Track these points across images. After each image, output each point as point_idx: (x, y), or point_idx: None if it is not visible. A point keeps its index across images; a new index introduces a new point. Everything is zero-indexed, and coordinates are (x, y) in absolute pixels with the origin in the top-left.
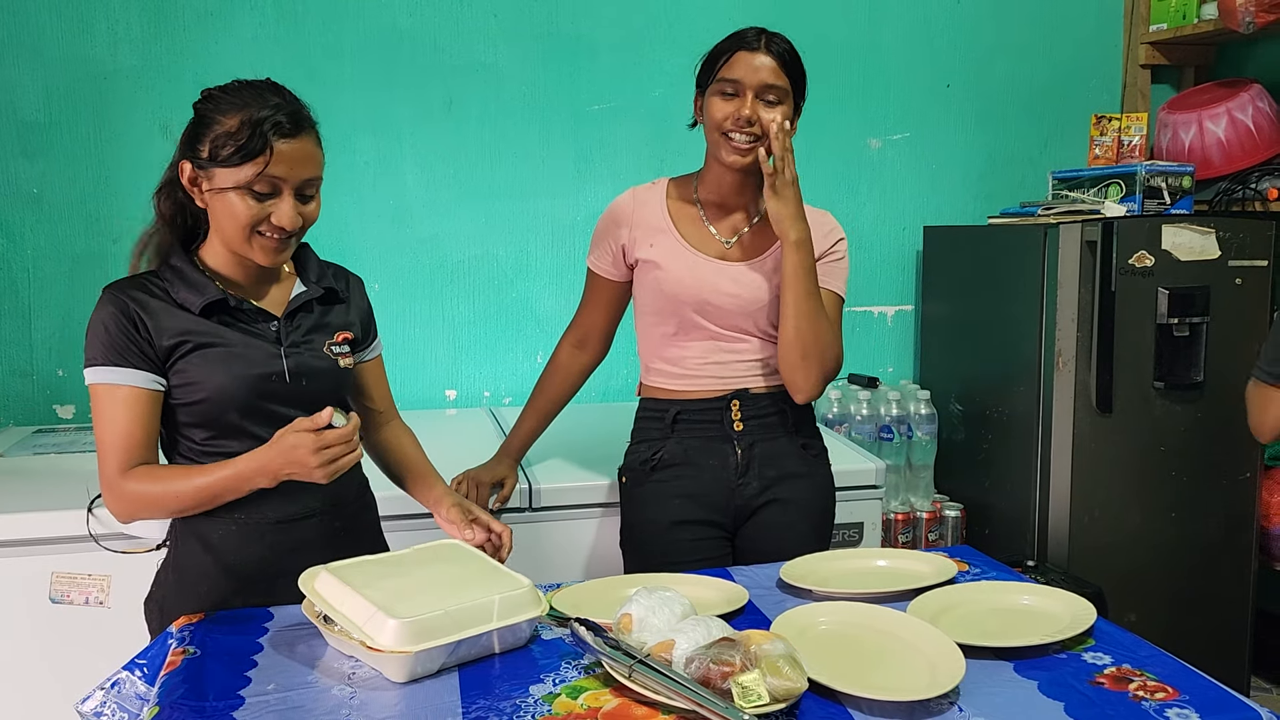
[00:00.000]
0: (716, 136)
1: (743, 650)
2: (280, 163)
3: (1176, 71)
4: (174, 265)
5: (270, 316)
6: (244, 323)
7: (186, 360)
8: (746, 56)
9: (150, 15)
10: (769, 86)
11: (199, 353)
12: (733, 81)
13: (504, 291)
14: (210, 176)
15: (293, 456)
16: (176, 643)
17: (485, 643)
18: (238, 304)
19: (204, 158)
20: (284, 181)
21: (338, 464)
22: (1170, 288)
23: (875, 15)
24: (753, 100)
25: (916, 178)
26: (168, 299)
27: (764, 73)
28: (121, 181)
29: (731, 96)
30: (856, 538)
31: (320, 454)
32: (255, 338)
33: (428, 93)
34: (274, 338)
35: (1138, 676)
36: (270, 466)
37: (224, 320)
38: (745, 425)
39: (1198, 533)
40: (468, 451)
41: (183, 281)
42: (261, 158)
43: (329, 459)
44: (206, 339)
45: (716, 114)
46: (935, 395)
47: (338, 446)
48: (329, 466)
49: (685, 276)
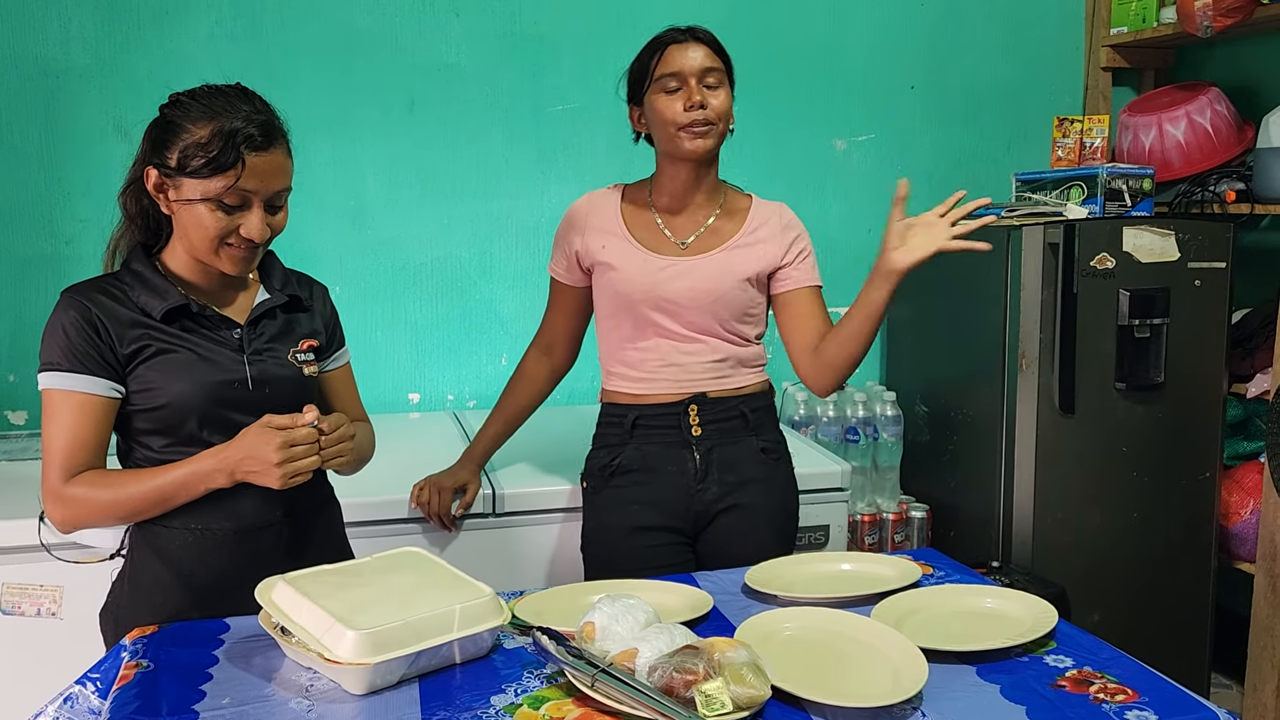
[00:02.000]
0: (670, 132)
1: (706, 658)
2: (252, 176)
3: (1137, 74)
4: (135, 269)
5: (233, 323)
6: (206, 329)
7: (147, 366)
8: (677, 49)
9: (103, 13)
10: (708, 70)
11: (160, 359)
12: (673, 75)
13: (467, 294)
14: (178, 186)
15: (254, 451)
16: (129, 656)
17: (446, 653)
18: (200, 310)
19: (172, 166)
20: (254, 194)
21: (297, 465)
22: (1131, 289)
23: (839, 17)
24: (697, 85)
25: (882, 179)
26: (129, 303)
27: (700, 58)
28: (74, 182)
29: (676, 90)
30: (822, 540)
31: (283, 451)
32: (217, 344)
33: (388, 93)
34: (236, 345)
35: (1098, 679)
36: (229, 462)
37: (186, 326)
38: (703, 430)
39: (1159, 532)
40: (431, 455)
41: (144, 286)
42: (233, 171)
43: (290, 458)
44: (167, 345)
45: (666, 111)
46: (901, 397)
47: (301, 447)
48: (288, 467)
49: (638, 275)
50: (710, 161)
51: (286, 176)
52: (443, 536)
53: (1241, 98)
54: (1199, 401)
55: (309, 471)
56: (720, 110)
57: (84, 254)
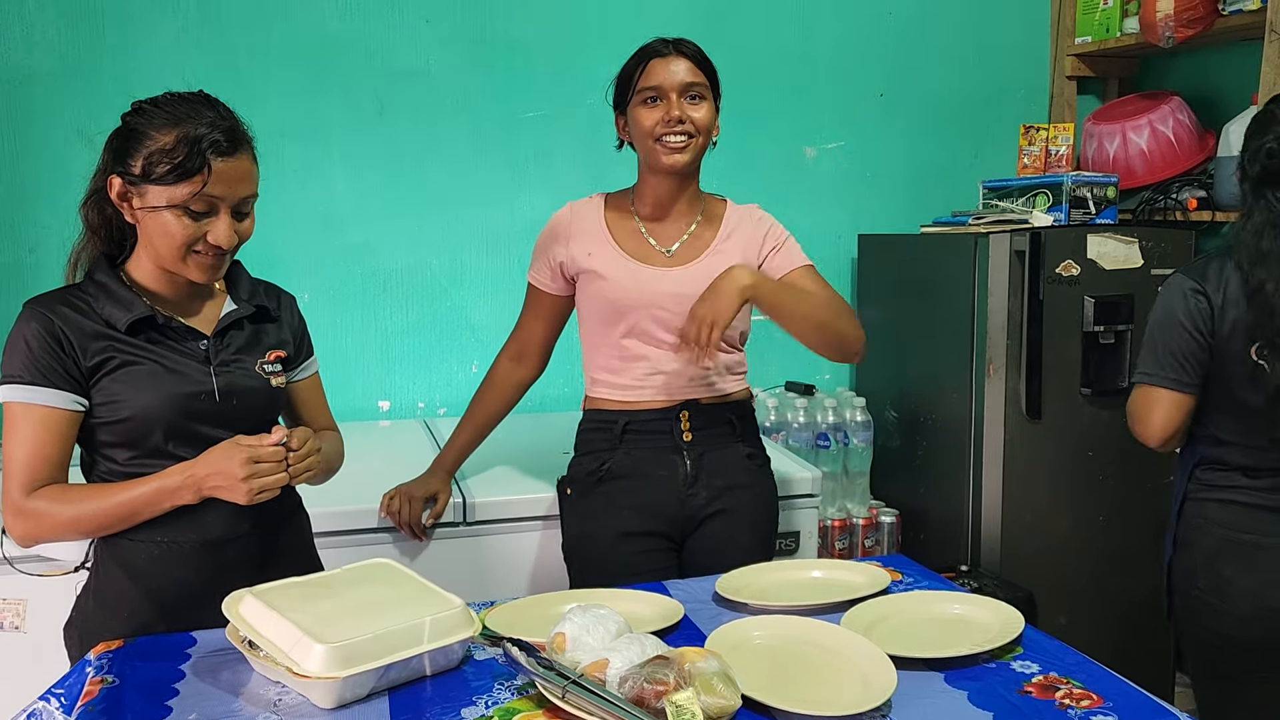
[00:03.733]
0: (650, 145)
1: (677, 668)
2: (218, 182)
3: (1101, 83)
4: (99, 280)
5: (199, 334)
6: (172, 340)
7: (111, 378)
8: (660, 62)
9: (67, 18)
10: (689, 85)
11: (124, 370)
12: (654, 88)
13: (438, 301)
14: (142, 193)
15: (221, 467)
16: (94, 671)
17: (416, 665)
18: (165, 321)
19: (136, 174)
20: (221, 200)
21: (264, 481)
22: (1096, 296)
23: (808, 25)
24: (678, 99)
25: (851, 186)
26: (93, 315)
27: (682, 73)
28: (37, 189)
29: (656, 103)
30: (794, 546)
31: (249, 467)
32: (184, 356)
33: (358, 98)
34: (203, 356)
35: (1064, 684)
36: (195, 478)
37: (151, 338)
38: (694, 435)
39: (1125, 536)
40: (401, 464)
41: (108, 297)
42: (199, 177)
43: (256, 474)
44: (132, 357)
45: (645, 123)
46: (871, 402)
47: (268, 464)
48: (255, 482)
49: (629, 284)
50: (691, 173)
51: (253, 183)
52: (414, 546)
53: (1203, 107)
54: None
55: (276, 489)
56: (701, 124)
57: (47, 261)
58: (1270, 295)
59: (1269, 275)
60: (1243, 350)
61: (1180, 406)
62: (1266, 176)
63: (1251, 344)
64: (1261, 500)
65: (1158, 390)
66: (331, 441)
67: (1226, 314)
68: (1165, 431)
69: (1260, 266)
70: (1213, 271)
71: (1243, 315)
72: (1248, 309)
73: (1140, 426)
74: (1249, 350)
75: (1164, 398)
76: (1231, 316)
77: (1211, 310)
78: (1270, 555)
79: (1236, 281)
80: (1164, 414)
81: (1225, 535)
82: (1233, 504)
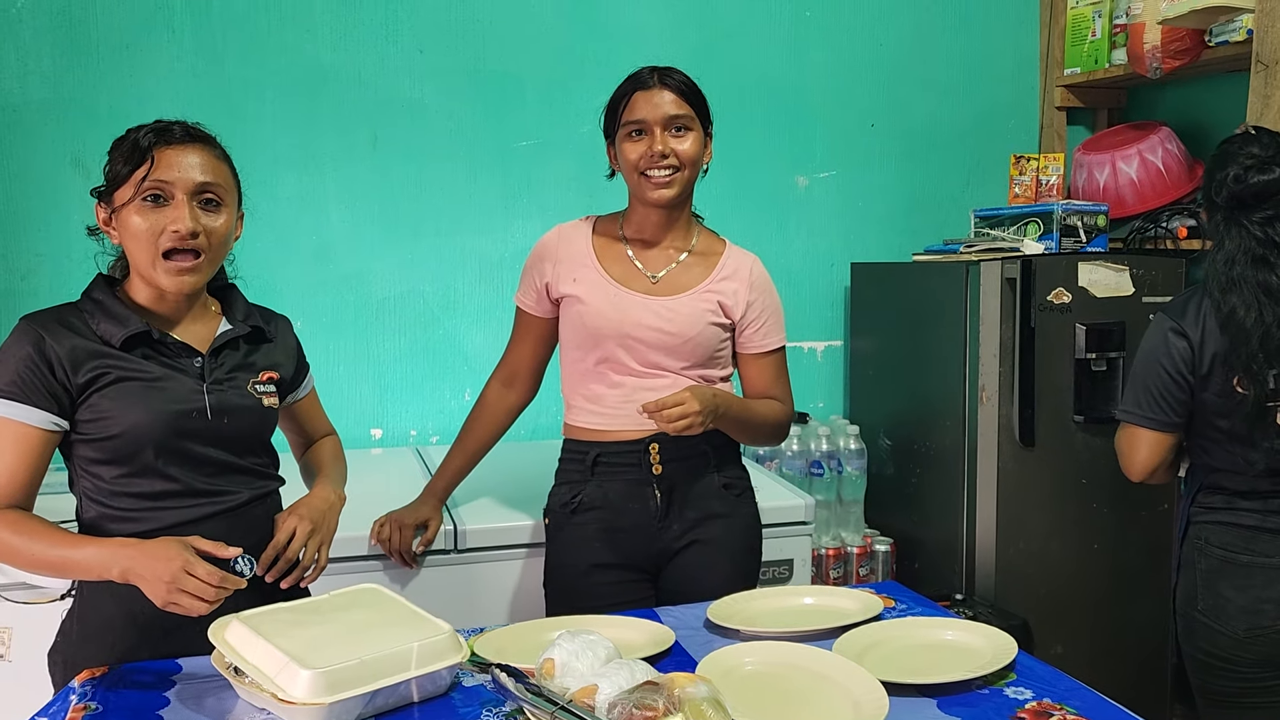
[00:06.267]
0: (635, 178)
1: (666, 694)
2: (166, 167)
3: (1091, 113)
4: (95, 298)
5: (194, 352)
6: (167, 357)
7: (102, 394)
8: (644, 95)
9: (63, 47)
10: (673, 118)
11: (116, 387)
12: (638, 122)
13: (430, 329)
14: (113, 205)
15: (155, 565)
16: (78, 698)
17: (403, 691)
18: (160, 337)
19: (104, 190)
20: (172, 185)
21: (185, 600)
22: (1087, 324)
23: (800, 55)
24: (661, 134)
25: (843, 215)
26: (88, 332)
27: (666, 105)
28: (30, 216)
29: (640, 136)
30: (786, 574)
31: (181, 579)
32: (178, 372)
33: (351, 128)
34: (197, 374)
35: (1057, 710)
36: (126, 559)
37: (145, 354)
38: (665, 468)
39: (1119, 563)
40: (394, 491)
41: (104, 314)
42: (145, 163)
43: (182, 588)
44: (125, 373)
45: (630, 156)
46: (865, 430)
47: (195, 582)
48: (176, 596)
49: (607, 309)
50: (680, 204)
51: (212, 172)
52: (403, 573)
53: (1191, 137)
54: None
55: (190, 611)
56: (686, 157)
57: (39, 288)
58: (1242, 320)
59: (1240, 301)
60: (1224, 383)
61: (1161, 444)
62: (1237, 204)
63: (1230, 374)
64: (1258, 522)
65: (1140, 430)
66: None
67: (1205, 351)
68: (1148, 467)
69: (1231, 293)
70: (1191, 309)
71: (1220, 348)
72: (1221, 337)
73: (1125, 462)
74: (1230, 382)
75: (1146, 436)
76: (1210, 351)
77: (1192, 350)
78: (1267, 575)
79: (1212, 315)
80: (1147, 451)
81: (1223, 556)
82: (1231, 526)
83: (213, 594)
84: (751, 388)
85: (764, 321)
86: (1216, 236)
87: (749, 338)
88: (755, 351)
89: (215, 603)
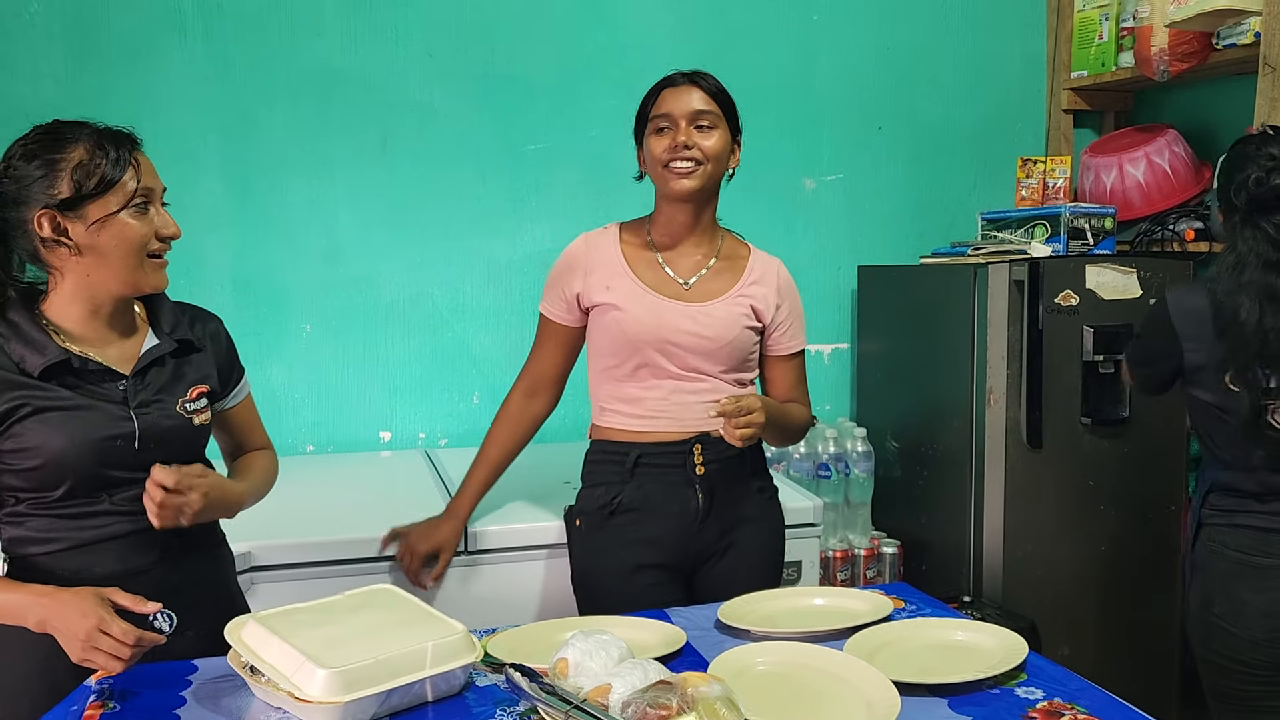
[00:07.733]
0: (660, 171)
1: (679, 693)
2: (145, 173)
3: (1098, 116)
4: (11, 320)
5: (118, 375)
6: (89, 383)
7: (22, 425)
8: (673, 92)
9: (75, 53)
10: (699, 113)
11: (36, 417)
12: (664, 116)
13: (439, 332)
14: (83, 214)
15: (72, 621)
16: (95, 696)
17: (418, 691)
18: (82, 364)
19: (67, 197)
20: (152, 191)
21: (99, 656)
22: (1095, 326)
23: (808, 59)
24: (686, 127)
25: (850, 217)
26: (4, 360)
27: (693, 101)
28: None
29: (666, 130)
30: (795, 576)
31: (95, 637)
32: (100, 399)
33: (361, 132)
34: (120, 398)
35: (1068, 710)
36: (45, 609)
37: (66, 382)
38: (707, 469)
39: (1127, 565)
40: (402, 494)
41: (20, 339)
42: (132, 169)
43: (97, 647)
44: (45, 403)
45: (655, 149)
46: (872, 432)
47: (111, 642)
48: (91, 651)
49: (646, 317)
50: (705, 201)
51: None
52: None
53: (1198, 139)
54: (1164, 436)
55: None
56: (709, 151)
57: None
58: (1243, 324)
59: (1243, 305)
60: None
61: None
62: (1257, 206)
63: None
64: (1274, 524)
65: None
66: (264, 461)
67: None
68: None
69: (1238, 296)
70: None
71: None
72: (1220, 340)
73: None
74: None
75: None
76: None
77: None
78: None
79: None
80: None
81: (1240, 559)
82: (1246, 529)
83: (128, 653)
84: (776, 390)
85: (790, 324)
86: (1229, 237)
87: (776, 340)
88: (782, 354)
89: (130, 661)
